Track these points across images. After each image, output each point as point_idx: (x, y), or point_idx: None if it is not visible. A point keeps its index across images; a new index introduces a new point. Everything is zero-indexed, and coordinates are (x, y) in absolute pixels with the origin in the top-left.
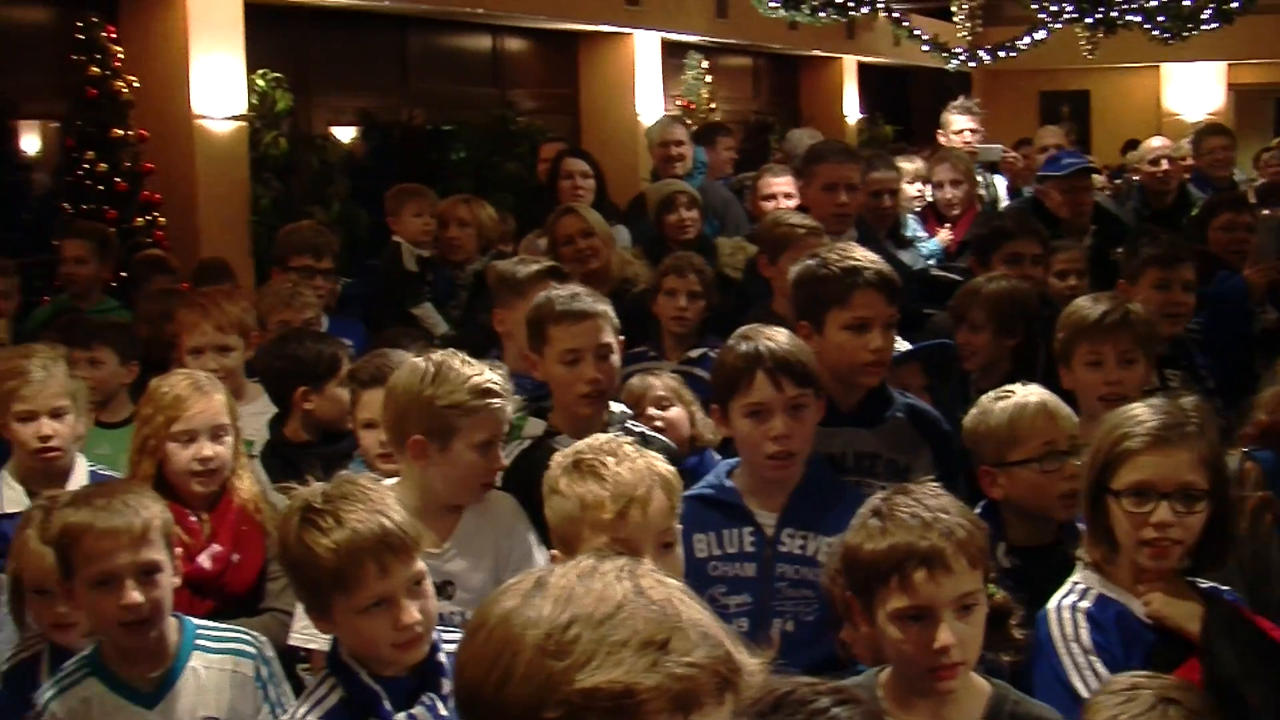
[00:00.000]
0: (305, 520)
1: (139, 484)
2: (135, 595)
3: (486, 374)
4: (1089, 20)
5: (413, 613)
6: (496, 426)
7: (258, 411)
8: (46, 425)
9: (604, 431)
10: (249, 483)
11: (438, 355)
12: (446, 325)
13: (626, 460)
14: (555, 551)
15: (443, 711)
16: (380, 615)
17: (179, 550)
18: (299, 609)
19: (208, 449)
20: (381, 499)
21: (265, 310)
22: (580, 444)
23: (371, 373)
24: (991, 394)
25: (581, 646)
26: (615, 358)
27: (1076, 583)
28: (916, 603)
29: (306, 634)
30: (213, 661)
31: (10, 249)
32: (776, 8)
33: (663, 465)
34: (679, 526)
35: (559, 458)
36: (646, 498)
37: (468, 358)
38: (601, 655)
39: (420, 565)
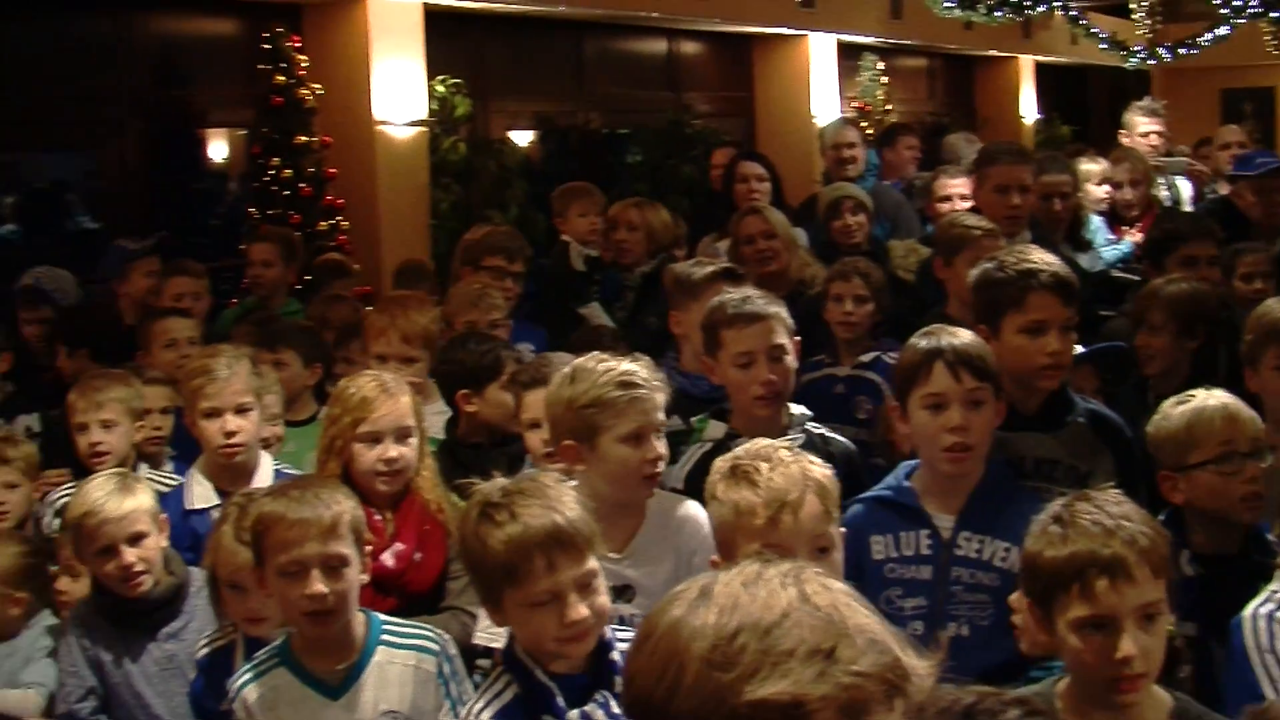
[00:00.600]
0: (483, 514)
1: (334, 480)
2: (320, 586)
3: (624, 366)
4: (1274, 15)
5: (580, 610)
6: (642, 417)
7: (440, 411)
8: (231, 421)
9: (783, 433)
10: (432, 482)
11: (578, 359)
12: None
13: (780, 466)
14: (714, 557)
15: (615, 709)
16: (548, 611)
17: (366, 548)
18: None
19: (393, 450)
20: (559, 496)
21: (452, 311)
22: (739, 449)
23: (532, 374)
24: (1173, 399)
25: (748, 657)
26: (790, 359)
27: (1275, 591)
28: (1098, 612)
29: (490, 633)
30: (397, 656)
31: (200, 253)
32: (952, 8)
33: (819, 470)
34: (840, 530)
35: (719, 463)
36: (799, 503)
37: (605, 356)
38: (768, 666)
39: (592, 564)
